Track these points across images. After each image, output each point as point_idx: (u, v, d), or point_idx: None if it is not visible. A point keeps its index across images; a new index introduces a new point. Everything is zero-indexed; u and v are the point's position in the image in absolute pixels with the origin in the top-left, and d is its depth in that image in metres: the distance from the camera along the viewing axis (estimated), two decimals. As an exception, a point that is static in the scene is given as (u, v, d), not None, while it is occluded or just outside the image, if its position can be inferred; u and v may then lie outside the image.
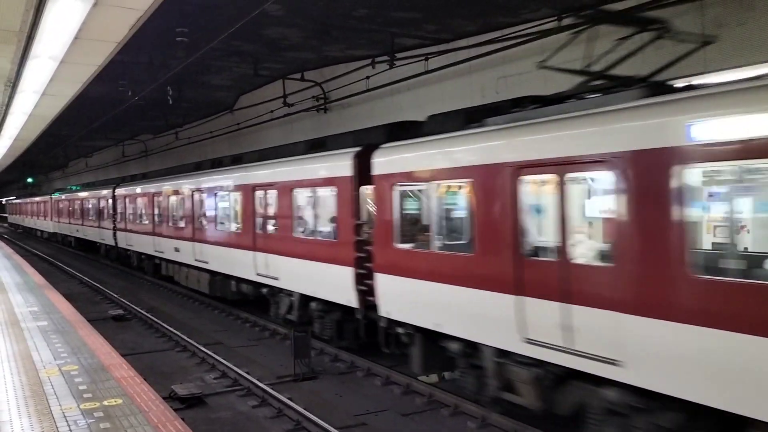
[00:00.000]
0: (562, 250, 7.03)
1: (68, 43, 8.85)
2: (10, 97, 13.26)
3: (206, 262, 17.52)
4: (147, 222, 23.35)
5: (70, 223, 38.48)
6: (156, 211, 22.13)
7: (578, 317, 6.77)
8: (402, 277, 9.69)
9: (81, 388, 7.40)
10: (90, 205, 32.72)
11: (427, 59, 13.34)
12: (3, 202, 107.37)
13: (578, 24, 10.12)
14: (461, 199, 9.17)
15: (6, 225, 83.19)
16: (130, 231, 25.59)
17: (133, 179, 28.62)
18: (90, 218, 32.80)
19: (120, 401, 6.91)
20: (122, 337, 14.74)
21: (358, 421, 9.19)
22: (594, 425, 7.13)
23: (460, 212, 9.27)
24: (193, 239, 18.54)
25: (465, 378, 9.04)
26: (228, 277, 16.81)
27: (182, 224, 19.58)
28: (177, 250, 19.82)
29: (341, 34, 13.84)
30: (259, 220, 14.53)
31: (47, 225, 47.12)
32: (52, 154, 39.61)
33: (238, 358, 12.80)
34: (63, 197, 40.80)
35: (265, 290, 14.72)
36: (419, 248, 9.60)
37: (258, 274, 14.45)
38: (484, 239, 8.12)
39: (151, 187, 22.92)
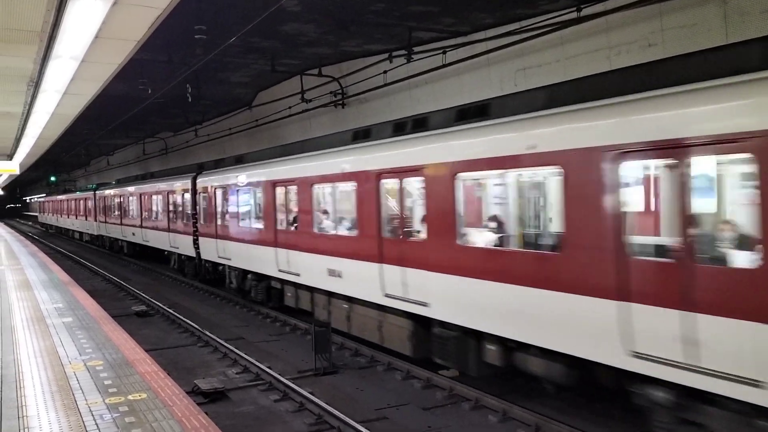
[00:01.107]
0: None
1: (89, 42, 8.93)
2: (33, 97, 13.41)
3: (424, 304, 9.97)
4: (262, 226, 15.96)
5: (122, 224, 31.50)
6: (284, 210, 14.98)
7: None
8: None
9: (106, 382, 7.50)
10: (154, 202, 26.04)
11: (444, 52, 13.28)
12: (28, 201, 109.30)
13: (598, 14, 10.05)
14: None
15: (30, 223, 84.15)
16: (228, 238, 18.19)
17: (218, 164, 21.20)
18: (154, 218, 26.09)
19: (144, 395, 6.99)
20: (145, 333, 14.91)
21: (379, 415, 9.22)
22: None
23: None
24: (381, 258, 10.90)
25: None
26: (472, 336, 9.45)
27: (353, 232, 12.11)
28: (335, 274, 12.42)
29: (358, 29, 13.82)
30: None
31: (89, 226, 40.04)
32: (74, 152, 40.05)
33: (260, 353, 12.90)
34: (111, 193, 33.82)
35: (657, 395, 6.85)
36: None
37: (687, 364, 6.32)
38: None
39: (272, 172, 15.38)
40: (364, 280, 11.49)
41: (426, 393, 10.22)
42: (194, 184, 21.14)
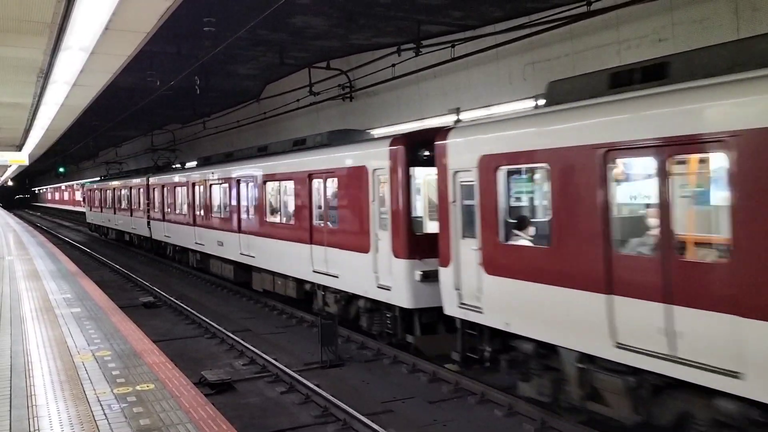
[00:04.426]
0: None
1: (99, 33, 8.94)
2: (43, 88, 13.44)
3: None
4: None
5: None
6: None
7: None
8: None
9: (114, 373, 7.55)
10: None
11: (453, 46, 13.25)
12: (37, 191, 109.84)
13: (608, 8, 10.00)
14: None
15: (39, 214, 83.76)
16: None
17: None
18: None
19: (152, 386, 7.03)
20: (153, 324, 14.97)
21: (385, 408, 9.24)
22: None
23: None
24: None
25: None
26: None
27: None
28: None
29: (367, 22, 13.80)
30: None
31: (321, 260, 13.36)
32: (82, 143, 40.17)
33: (266, 344, 12.94)
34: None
35: None
36: None
37: None
38: None
39: None
40: None
41: (432, 386, 10.24)
42: None
